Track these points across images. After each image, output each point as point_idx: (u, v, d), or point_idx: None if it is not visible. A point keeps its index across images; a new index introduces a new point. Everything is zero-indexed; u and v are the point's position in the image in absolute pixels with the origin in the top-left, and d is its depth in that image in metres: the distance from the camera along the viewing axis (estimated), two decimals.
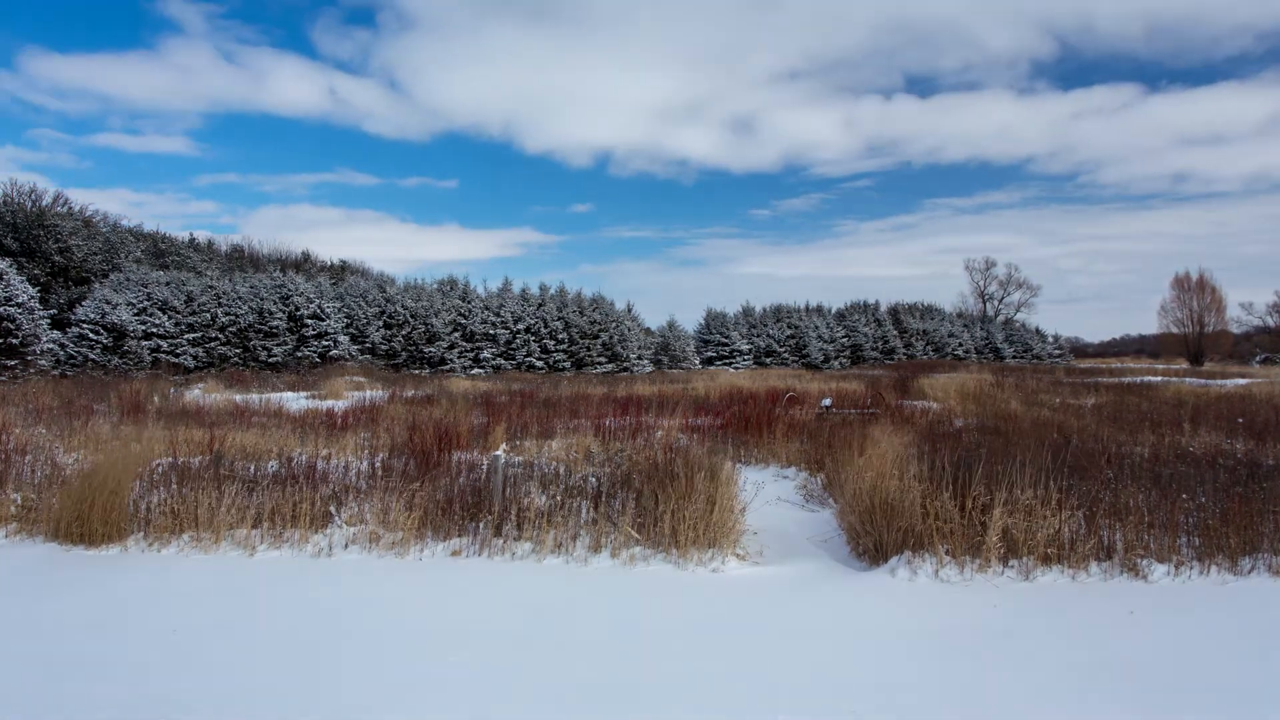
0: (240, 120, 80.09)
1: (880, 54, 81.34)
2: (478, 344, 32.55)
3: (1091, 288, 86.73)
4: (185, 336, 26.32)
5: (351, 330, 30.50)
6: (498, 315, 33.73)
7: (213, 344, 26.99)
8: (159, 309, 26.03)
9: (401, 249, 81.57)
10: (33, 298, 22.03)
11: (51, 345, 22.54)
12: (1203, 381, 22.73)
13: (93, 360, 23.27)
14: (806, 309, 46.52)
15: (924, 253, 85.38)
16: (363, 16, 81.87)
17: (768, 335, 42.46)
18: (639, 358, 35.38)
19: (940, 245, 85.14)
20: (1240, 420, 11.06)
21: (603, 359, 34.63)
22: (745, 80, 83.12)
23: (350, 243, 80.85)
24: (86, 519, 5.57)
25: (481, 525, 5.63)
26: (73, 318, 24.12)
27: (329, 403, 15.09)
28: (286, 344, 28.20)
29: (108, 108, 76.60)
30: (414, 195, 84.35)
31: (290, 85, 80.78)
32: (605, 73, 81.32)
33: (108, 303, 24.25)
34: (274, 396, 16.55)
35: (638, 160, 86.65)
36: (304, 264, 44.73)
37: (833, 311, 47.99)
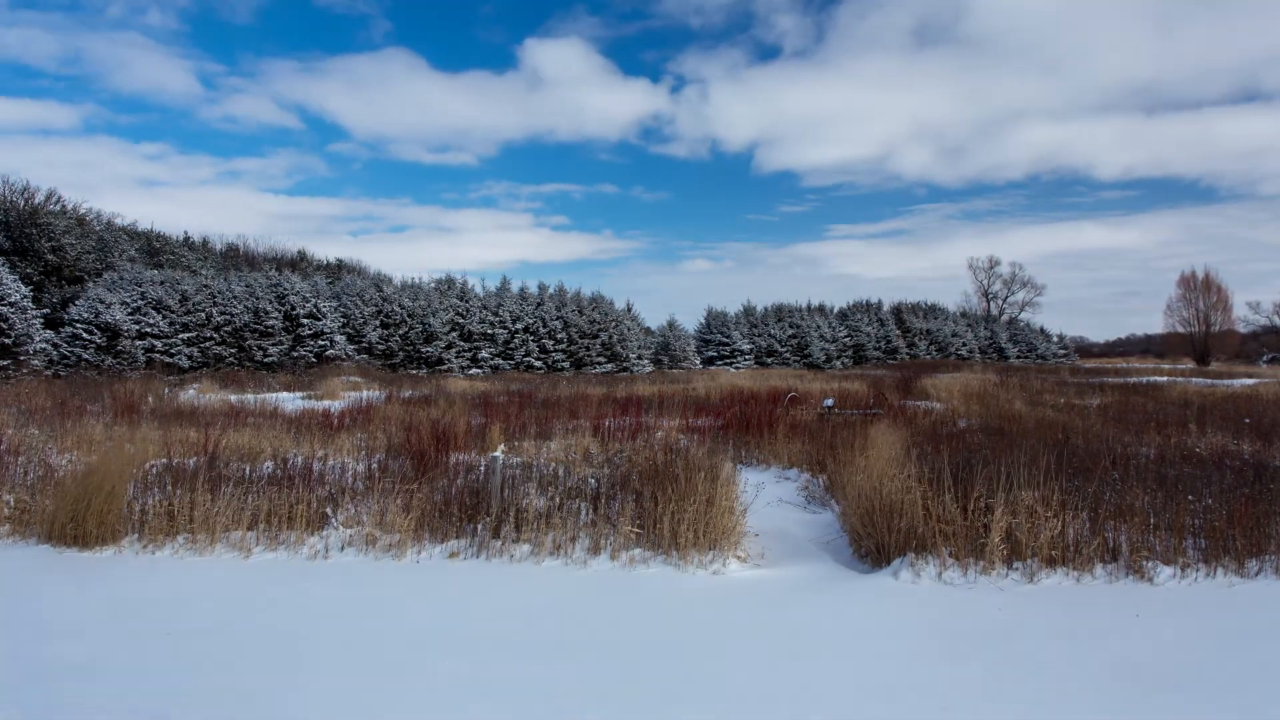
0: (547, 137, 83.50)
1: (1241, 71, 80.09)
2: (476, 344, 32.44)
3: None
4: (180, 336, 26.16)
5: (348, 330, 30.36)
6: (496, 315, 33.63)
7: (208, 344, 26.83)
8: (153, 308, 25.86)
9: (521, 250, 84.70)
10: (25, 297, 21.86)
11: (44, 345, 22.37)
12: (1209, 381, 22.68)
13: (86, 360, 23.11)
14: (808, 308, 46.45)
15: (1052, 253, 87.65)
16: (769, 50, 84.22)
17: (769, 335, 42.38)
18: (639, 358, 35.31)
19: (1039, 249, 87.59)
20: (1247, 421, 11.03)
21: (602, 359, 34.55)
22: (1062, 95, 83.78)
23: (481, 246, 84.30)
24: (80, 520, 5.52)
25: (479, 527, 5.57)
26: (66, 317, 23.95)
27: (325, 403, 15.00)
28: (282, 344, 28.05)
29: (436, 124, 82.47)
30: (617, 204, 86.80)
31: (615, 107, 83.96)
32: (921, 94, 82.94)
33: (101, 302, 24.08)
34: (269, 397, 16.45)
35: (868, 178, 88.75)
36: (300, 263, 44.54)
37: (835, 311, 47.90)
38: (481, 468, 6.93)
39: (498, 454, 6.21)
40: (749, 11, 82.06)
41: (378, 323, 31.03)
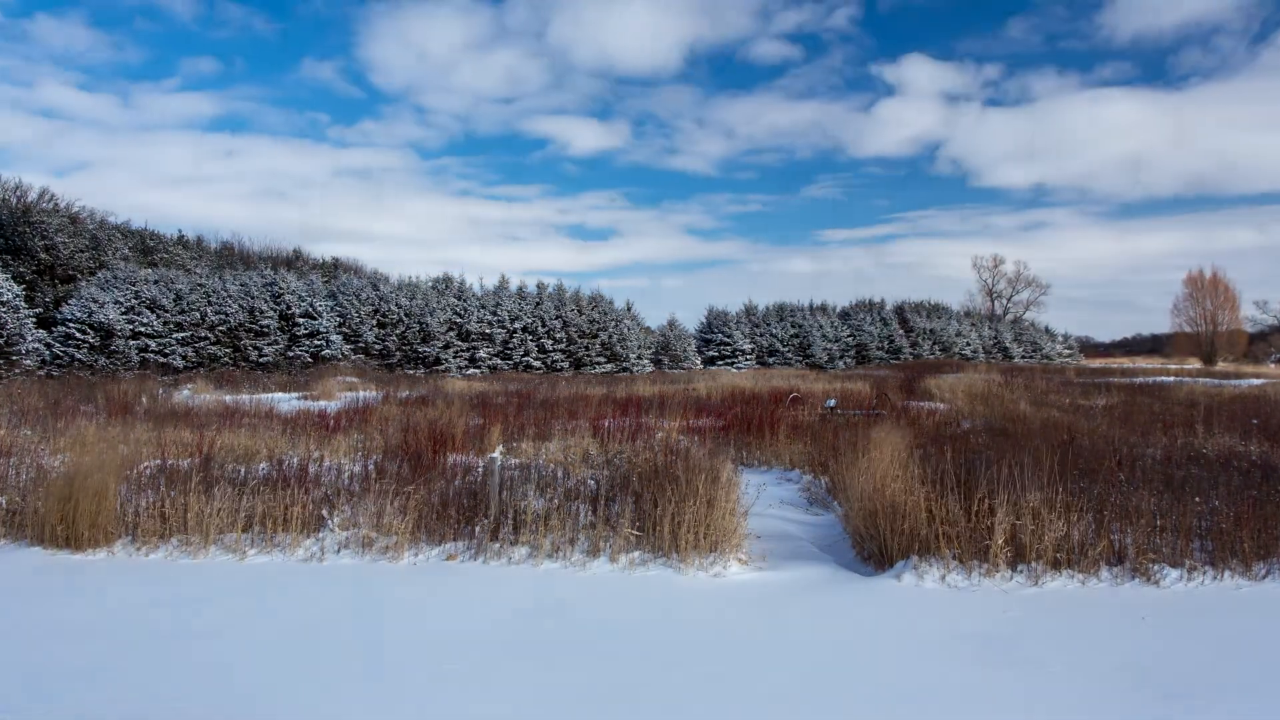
0: (834, 154, 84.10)
1: None
2: (474, 343, 32.34)
3: None
4: (174, 336, 25.98)
5: (344, 329, 30.21)
6: (494, 314, 33.53)
7: (202, 343, 26.66)
8: (147, 308, 25.69)
9: (646, 252, 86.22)
10: (18, 296, 21.70)
11: (37, 345, 22.19)
12: (1216, 382, 22.50)
13: (79, 360, 22.95)
14: (810, 307, 46.17)
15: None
16: (1149, 75, 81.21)
17: (770, 334, 42.20)
18: (639, 357, 35.19)
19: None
20: (1255, 421, 10.94)
21: (601, 359, 34.46)
22: None
23: (621, 249, 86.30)
24: (72, 523, 5.44)
25: (477, 529, 5.50)
26: (59, 316, 23.78)
27: (321, 403, 14.91)
28: (278, 343, 27.91)
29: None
30: (810, 212, 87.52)
31: (914, 127, 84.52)
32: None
33: (95, 301, 23.92)
34: (265, 397, 16.33)
35: (1060, 194, 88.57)
36: (295, 261, 44.33)
37: (837, 310, 47.70)
38: (479, 469, 6.86)
39: (496, 455, 6.14)
40: (1195, 36, 78.80)
41: (374, 322, 30.89)
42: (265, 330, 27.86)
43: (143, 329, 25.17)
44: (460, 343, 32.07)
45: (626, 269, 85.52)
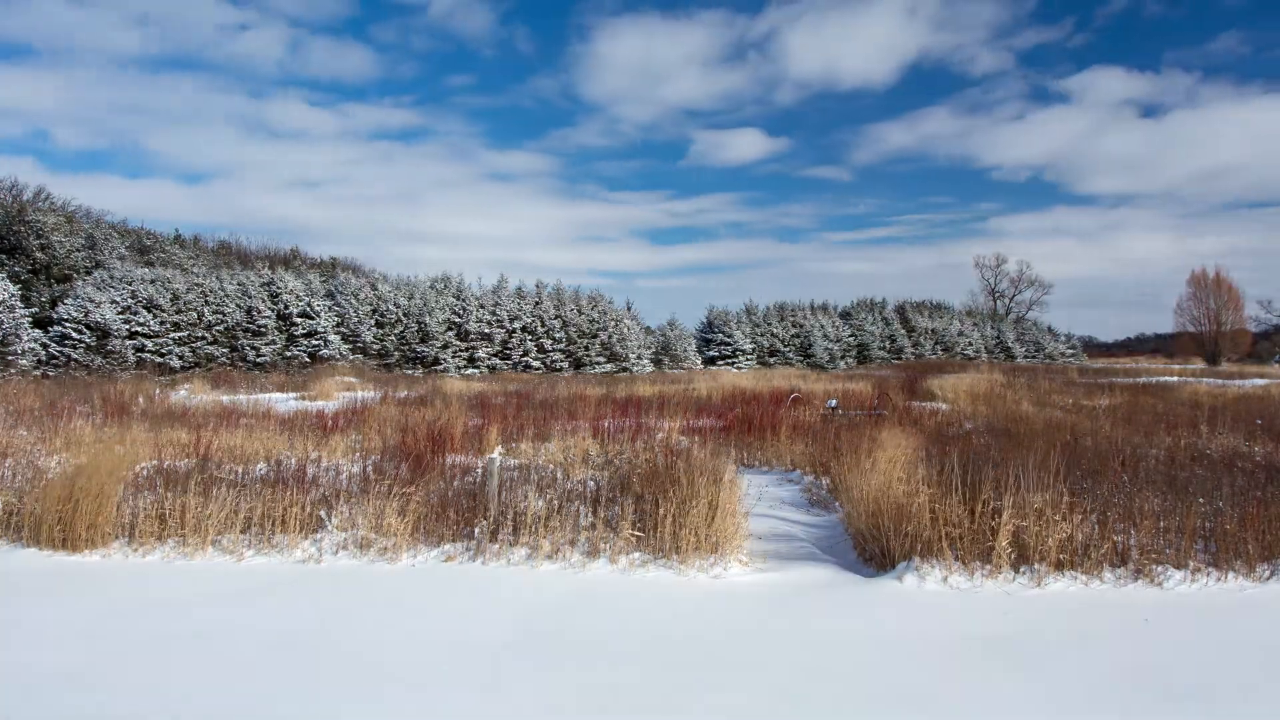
0: (969, 162, 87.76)
1: None
2: (473, 343, 32.27)
3: None
4: (171, 336, 25.88)
5: (342, 329, 30.13)
6: (493, 314, 33.47)
7: (199, 343, 26.57)
8: (144, 307, 25.58)
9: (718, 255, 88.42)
10: (13, 295, 21.62)
11: (33, 345, 22.11)
12: (1220, 382, 22.44)
13: (76, 360, 22.85)
14: (811, 307, 46.06)
15: None
16: None
17: (771, 334, 42.16)
18: (639, 357, 35.13)
19: None
20: (1259, 422, 10.94)
21: (601, 359, 34.41)
22: None
23: (714, 250, 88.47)
24: (69, 524, 5.41)
25: (476, 530, 5.46)
26: (55, 316, 23.69)
27: (319, 404, 14.85)
28: (275, 343, 27.82)
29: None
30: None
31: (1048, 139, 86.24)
32: None
33: (91, 301, 23.83)
34: (262, 397, 16.27)
35: (1142, 201, 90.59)
36: (293, 260, 44.25)
37: (838, 309, 47.65)
38: (478, 470, 6.82)
39: (495, 456, 6.10)
40: None
41: (373, 322, 30.81)
42: (263, 330, 27.77)
43: (139, 329, 25.07)
44: (459, 342, 32.00)
45: (694, 269, 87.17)
